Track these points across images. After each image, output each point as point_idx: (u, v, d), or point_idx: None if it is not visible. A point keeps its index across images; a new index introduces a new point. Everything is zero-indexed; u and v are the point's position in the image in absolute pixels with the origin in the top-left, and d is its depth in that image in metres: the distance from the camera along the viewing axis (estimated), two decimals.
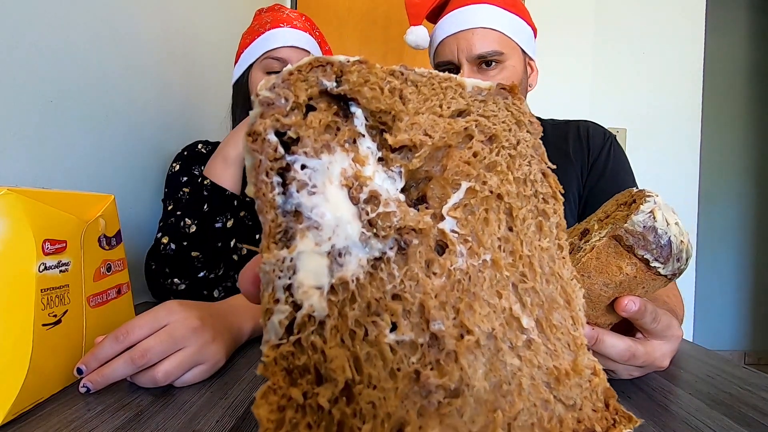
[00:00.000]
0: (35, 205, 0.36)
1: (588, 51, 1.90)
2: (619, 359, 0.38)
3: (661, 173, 1.90)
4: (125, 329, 0.38)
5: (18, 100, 0.57)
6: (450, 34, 0.75)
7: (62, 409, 0.35)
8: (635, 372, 0.43)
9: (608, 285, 0.34)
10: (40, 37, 0.61)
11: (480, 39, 0.72)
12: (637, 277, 0.34)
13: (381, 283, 0.18)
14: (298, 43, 0.78)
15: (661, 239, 0.32)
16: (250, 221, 0.83)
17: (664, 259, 0.33)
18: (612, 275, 0.34)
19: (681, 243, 0.33)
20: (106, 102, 0.75)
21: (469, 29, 0.73)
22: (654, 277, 0.34)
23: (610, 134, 0.84)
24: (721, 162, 2.55)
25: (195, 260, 0.68)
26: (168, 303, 0.42)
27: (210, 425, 0.33)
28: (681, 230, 0.33)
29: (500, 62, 0.73)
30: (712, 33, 2.01)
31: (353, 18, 1.90)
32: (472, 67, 0.74)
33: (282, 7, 0.84)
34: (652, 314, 0.37)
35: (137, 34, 0.83)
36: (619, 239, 0.33)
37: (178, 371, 0.39)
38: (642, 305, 0.35)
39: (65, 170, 0.66)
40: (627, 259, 0.33)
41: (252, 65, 0.79)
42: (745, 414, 0.38)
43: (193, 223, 0.67)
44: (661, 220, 0.32)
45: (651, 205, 0.33)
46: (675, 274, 0.35)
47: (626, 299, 0.35)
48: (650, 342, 0.40)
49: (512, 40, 0.74)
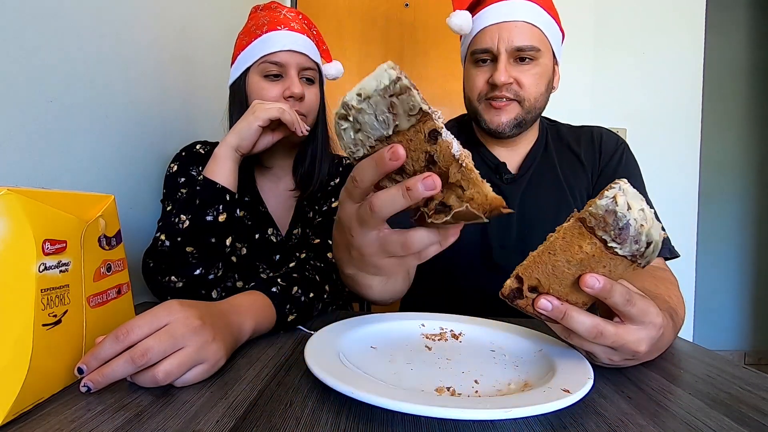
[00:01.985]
0: (35, 205, 0.36)
1: (588, 51, 1.90)
2: (587, 336, 0.40)
3: (661, 173, 1.90)
4: (125, 329, 0.38)
5: (18, 100, 0.57)
6: (493, 23, 0.76)
7: (62, 409, 0.36)
8: (614, 356, 0.43)
9: (570, 262, 0.38)
10: (40, 37, 0.61)
11: (521, 32, 0.74)
12: (595, 256, 0.37)
13: None
14: (295, 47, 0.78)
15: (620, 222, 0.35)
16: (249, 221, 0.83)
17: (621, 240, 0.36)
18: (573, 253, 0.37)
19: (640, 227, 0.35)
20: (106, 102, 0.75)
21: (513, 21, 0.74)
22: (612, 256, 0.37)
23: (623, 141, 0.86)
24: (721, 161, 2.55)
25: (189, 255, 0.68)
26: (168, 302, 0.42)
27: (210, 425, 0.33)
28: (645, 216, 0.36)
29: (535, 59, 0.76)
30: (712, 33, 2.01)
31: (353, 18, 1.90)
32: (509, 58, 0.75)
33: (278, 6, 0.83)
34: (623, 296, 0.39)
35: (137, 35, 0.83)
36: (583, 221, 0.37)
37: (178, 371, 0.39)
38: (607, 284, 0.38)
39: (65, 170, 0.66)
40: (588, 239, 0.37)
41: (249, 68, 0.79)
42: (745, 414, 0.38)
43: (186, 218, 0.67)
44: (623, 205, 0.35)
45: (615, 191, 0.35)
46: (635, 256, 0.37)
47: (589, 276, 0.38)
48: (624, 325, 0.41)
49: (547, 40, 0.77)
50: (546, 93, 0.80)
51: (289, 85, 0.77)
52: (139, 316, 0.40)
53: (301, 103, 0.79)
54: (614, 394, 0.41)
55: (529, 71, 0.76)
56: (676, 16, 1.92)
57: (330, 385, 0.36)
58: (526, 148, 0.87)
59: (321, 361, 0.40)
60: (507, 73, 0.74)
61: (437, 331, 0.56)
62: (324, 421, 0.35)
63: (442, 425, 0.35)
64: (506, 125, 0.78)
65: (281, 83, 0.78)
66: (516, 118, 0.78)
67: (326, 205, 0.86)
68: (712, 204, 2.52)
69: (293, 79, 0.78)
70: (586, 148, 0.85)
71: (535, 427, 0.34)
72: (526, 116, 0.78)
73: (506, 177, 0.85)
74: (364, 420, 0.35)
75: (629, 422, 0.36)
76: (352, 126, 0.34)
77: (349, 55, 1.89)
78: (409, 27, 1.91)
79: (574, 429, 0.34)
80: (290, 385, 0.42)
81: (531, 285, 0.41)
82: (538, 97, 0.78)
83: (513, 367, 0.46)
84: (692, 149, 1.94)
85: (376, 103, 0.32)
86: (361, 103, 0.33)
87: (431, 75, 1.91)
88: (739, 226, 2.60)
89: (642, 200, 0.36)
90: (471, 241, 0.85)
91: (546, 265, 0.39)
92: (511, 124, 0.78)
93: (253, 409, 0.36)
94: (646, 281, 0.63)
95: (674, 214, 1.91)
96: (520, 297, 0.41)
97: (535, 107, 0.79)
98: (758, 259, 2.59)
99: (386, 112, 0.32)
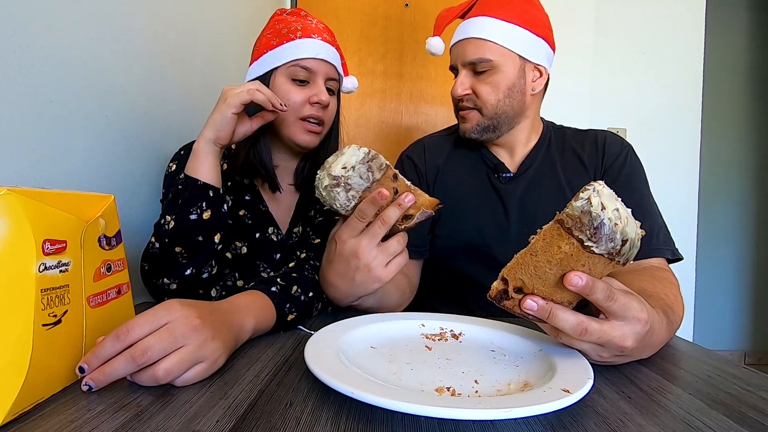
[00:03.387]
0: (35, 205, 0.36)
1: (588, 51, 1.90)
2: (572, 333, 0.42)
3: (661, 173, 1.90)
4: (126, 328, 0.38)
5: (18, 100, 0.57)
6: (454, 42, 0.86)
7: (62, 409, 0.36)
8: (604, 353, 0.44)
9: (551, 262, 0.40)
10: (40, 37, 0.61)
11: (472, 48, 0.81)
12: (573, 256, 0.39)
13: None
14: (327, 57, 0.79)
15: (594, 221, 0.37)
16: (250, 220, 0.83)
17: (596, 239, 0.37)
18: (553, 254, 0.40)
19: (615, 226, 0.37)
20: (106, 102, 0.75)
21: (465, 39, 0.82)
22: (589, 255, 0.39)
23: (628, 144, 0.88)
24: (721, 162, 2.55)
25: (179, 256, 0.68)
26: (168, 302, 0.42)
27: (210, 425, 0.33)
28: (620, 215, 0.37)
29: (491, 68, 0.81)
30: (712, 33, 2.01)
31: (353, 18, 1.90)
32: (467, 71, 0.83)
33: (308, 14, 0.84)
34: (604, 292, 0.40)
35: (137, 35, 0.83)
36: (561, 222, 0.39)
37: (178, 369, 0.39)
38: (589, 281, 0.39)
39: (65, 170, 0.66)
40: (566, 239, 0.39)
41: (276, 69, 0.79)
42: (745, 414, 0.38)
43: (171, 219, 0.67)
44: (597, 206, 0.37)
45: (589, 192, 0.37)
46: (611, 253, 0.38)
47: (572, 274, 0.39)
48: (608, 321, 0.42)
49: (506, 49, 0.80)
50: (509, 97, 0.82)
51: (316, 92, 0.78)
52: (139, 315, 0.40)
53: (325, 110, 0.80)
54: (614, 394, 0.41)
55: (485, 80, 0.81)
56: (676, 16, 1.92)
57: (330, 385, 0.36)
58: (526, 148, 0.89)
59: (321, 361, 0.40)
60: (462, 86, 0.83)
61: (437, 331, 0.56)
62: (324, 421, 0.35)
63: (442, 425, 0.35)
64: (471, 131, 0.85)
65: (308, 89, 0.79)
66: (479, 124, 0.84)
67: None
68: (712, 204, 2.52)
69: (320, 87, 0.79)
70: (590, 150, 0.87)
71: (535, 427, 0.34)
72: (490, 122, 0.84)
73: (504, 176, 0.88)
74: (364, 420, 0.35)
75: (629, 422, 0.36)
76: (344, 189, 0.53)
77: (349, 55, 1.88)
78: (409, 27, 1.91)
79: (574, 429, 0.34)
80: (290, 385, 0.42)
81: (516, 286, 0.43)
82: (496, 103, 0.82)
83: (513, 367, 0.46)
84: (692, 149, 1.94)
85: (359, 168, 0.52)
86: (348, 172, 0.52)
87: (431, 75, 1.91)
88: (739, 227, 2.60)
89: (617, 200, 0.38)
90: (470, 241, 0.86)
91: (528, 266, 0.41)
92: (475, 130, 0.85)
93: (253, 409, 0.36)
94: (644, 281, 0.63)
95: (674, 214, 1.90)
96: (507, 298, 0.43)
97: (497, 113, 0.83)
98: (758, 260, 2.59)
99: (366, 172, 0.52)
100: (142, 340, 0.38)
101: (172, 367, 0.38)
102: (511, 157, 0.89)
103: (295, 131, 0.79)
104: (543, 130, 0.91)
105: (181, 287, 0.69)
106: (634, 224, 0.39)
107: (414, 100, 1.92)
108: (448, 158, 0.93)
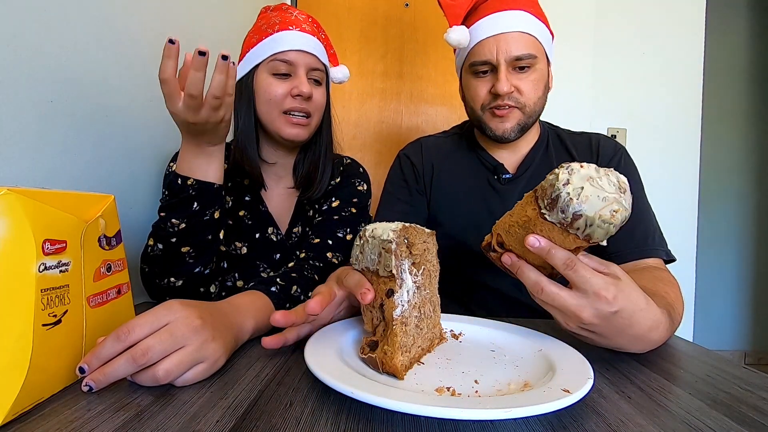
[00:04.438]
0: (35, 205, 0.36)
1: (588, 51, 1.89)
2: (531, 289, 0.46)
3: (661, 173, 1.90)
4: (126, 329, 0.38)
5: (18, 100, 0.57)
6: (490, 35, 0.78)
7: (62, 409, 0.36)
8: (570, 323, 0.46)
9: (518, 223, 0.45)
10: (40, 37, 0.61)
11: (518, 42, 0.77)
12: (532, 219, 0.44)
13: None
14: (305, 47, 0.78)
15: (554, 193, 0.41)
16: (250, 220, 0.83)
17: (550, 208, 0.41)
18: (520, 216, 0.45)
19: (570, 200, 0.40)
20: (106, 102, 0.75)
21: (509, 32, 0.77)
22: (543, 221, 0.43)
23: (622, 147, 0.88)
24: (721, 162, 2.54)
25: (186, 255, 0.68)
26: (169, 302, 0.42)
27: (210, 425, 0.33)
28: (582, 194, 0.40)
29: (532, 65, 0.79)
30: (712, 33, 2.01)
31: (353, 18, 1.90)
32: (508, 67, 0.78)
33: (289, 8, 0.83)
34: (563, 260, 0.43)
35: (137, 34, 0.83)
36: (536, 191, 0.44)
37: (178, 369, 0.39)
38: (546, 244, 0.43)
39: (65, 170, 0.66)
40: (532, 205, 0.44)
41: (258, 65, 0.79)
42: (745, 414, 0.38)
43: (181, 222, 0.66)
44: (562, 179, 0.41)
45: (563, 168, 0.42)
46: (563, 224, 0.41)
47: (531, 235, 0.44)
48: (568, 290, 0.45)
49: (541, 45, 0.80)
50: (543, 96, 0.83)
51: (297, 84, 0.77)
52: (139, 315, 0.40)
53: (308, 102, 0.79)
54: (614, 394, 0.41)
55: (528, 78, 0.79)
56: (676, 16, 1.91)
57: (330, 385, 0.36)
58: (525, 149, 0.89)
59: (321, 361, 0.40)
60: (508, 82, 0.78)
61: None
62: (324, 421, 0.35)
63: (442, 425, 0.35)
64: (511, 131, 0.82)
65: (289, 82, 0.78)
66: (519, 123, 0.82)
67: (326, 204, 0.86)
68: (712, 204, 2.52)
69: (302, 79, 0.78)
70: (583, 151, 0.87)
71: (535, 427, 0.34)
72: (528, 120, 0.82)
73: (504, 177, 0.88)
74: (364, 420, 0.35)
75: (629, 422, 0.36)
76: (360, 247, 0.47)
77: (349, 55, 1.88)
78: (409, 27, 1.91)
79: (574, 429, 0.34)
80: (290, 385, 0.42)
81: (499, 241, 0.49)
82: (536, 101, 0.81)
83: (513, 367, 0.46)
84: (692, 149, 1.94)
85: (374, 246, 0.45)
86: (370, 237, 0.45)
87: (431, 75, 1.91)
88: (739, 227, 2.60)
89: (591, 184, 0.41)
90: (469, 242, 0.86)
91: (506, 225, 0.47)
92: (515, 130, 0.82)
93: (253, 409, 0.36)
94: (644, 279, 0.63)
95: (674, 214, 1.91)
96: (493, 250, 0.50)
97: (534, 111, 0.82)
98: (758, 260, 2.59)
99: (376, 255, 0.45)
100: (143, 341, 0.38)
101: (172, 367, 0.38)
102: (511, 157, 0.90)
103: (280, 125, 0.79)
104: (540, 129, 0.91)
105: (185, 285, 0.69)
106: (604, 207, 0.40)
107: (414, 100, 1.92)
108: (446, 159, 0.93)
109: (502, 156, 0.90)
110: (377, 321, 0.46)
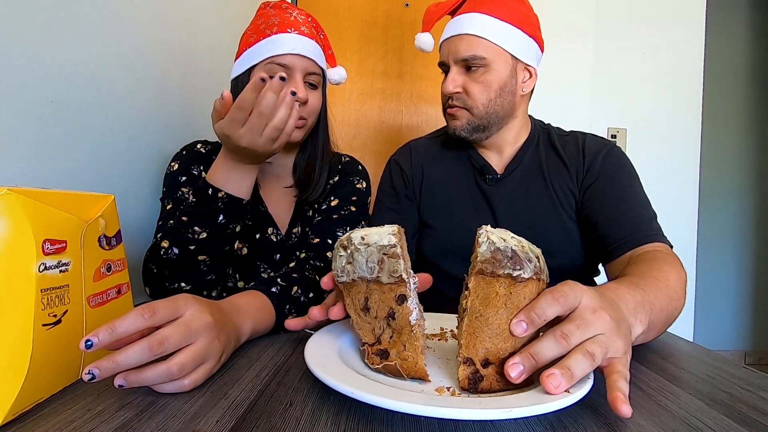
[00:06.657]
0: (35, 205, 0.36)
1: (588, 51, 1.89)
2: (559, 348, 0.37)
3: (661, 173, 1.90)
4: (150, 309, 0.37)
5: (18, 100, 0.57)
6: (445, 38, 0.84)
7: (62, 409, 0.36)
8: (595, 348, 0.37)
9: (498, 312, 0.38)
10: (40, 37, 0.61)
11: (467, 44, 0.79)
12: (512, 293, 0.38)
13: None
14: (303, 51, 0.78)
15: (507, 252, 0.38)
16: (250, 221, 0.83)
17: (520, 266, 0.38)
18: (495, 302, 0.38)
19: (522, 248, 0.38)
20: (106, 102, 0.75)
21: (458, 35, 0.81)
22: (524, 284, 0.38)
23: (610, 142, 0.87)
24: (721, 162, 2.54)
25: (201, 263, 0.68)
26: (184, 295, 0.42)
27: (210, 425, 0.33)
28: (517, 241, 0.39)
29: (483, 66, 0.79)
30: (712, 33, 2.01)
31: (353, 18, 1.90)
32: (458, 68, 0.81)
33: (289, 6, 0.83)
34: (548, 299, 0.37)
35: (137, 34, 0.83)
36: (482, 272, 0.38)
37: (191, 364, 0.39)
38: (529, 316, 0.37)
39: (65, 170, 0.66)
40: (496, 283, 0.38)
41: (254, 66, 0.79)
42: (745, 414, 0.38)
43: (204, 231, 0.66)
44: (498, 240, 0.38)
45: (483, 233, 0.39)
46: (537, 272, 0.38)
47: (513, 324, 0.38)
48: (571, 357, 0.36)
49: (500, 47, 0.80)
50: (500, 97, 0.82)
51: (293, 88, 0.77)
52: (158, 301, 0.39)
53: (303, 107, 0.79)
54: None
55: (477, 79, 0.80)
56: (676, 16, 1.91)
57: (330, 385, 0.36)
58: (514, 149, 0.89)
59: (321, 361, 0.40)
60: (453, 83, 0.81)
61: (437, 331, 0.56)
62: (324, 421, 0.35)
63: (442, 425, 0.35)
64: (461, 129, 0.84)
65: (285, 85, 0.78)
66: (469, 123, 0.83)
67: (325, 203, 0.86)
68: (712, 204, 2.52)
69: (298, 83, 0.78)
70: (571, 150, 0.87)
71: (535, 427, 0.34)
72: (480, 122, 0.83)
73: (489, 178, 0.87)
74: (364, 420, 0.35)
75: (629, 422, 0.36)
76: (346, 257, 0.42)
77: (349, 54, 1.88)
78: (409, 27, 1.91)
79: (574, 429, 0.34)
80: (290, 385, 0.42)
81: (482, 359, 0.39)
82: (487, 102, 0.81)
83: None
84: (692, 149, 1.94)
85: (371, 253, 0.40)
86: (361, 246, 0.41)
87: (431, 75, 1.91)
88: (739, 227, 2.60)
89: (507, 232, 0.40)
90: (459, 243, 0.85)
91: (483, 330, 0.39)
92: (465, 129, 0.83)
93: (253, 409, 0.36)
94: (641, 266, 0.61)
95: (674, 214, 1.91)
96: (481, 379, 0.39)
97: (487, 113, 0.82)
98: (758, 259, 2.59)
99: (375, 263, 0.40)
100: (161, 330, 0.38)
101: (187, 361, 0.38)
102: (498, 157, 0.89)
103: None
104: (531, 129, 0.90)
105: (193, 289, 0.69)
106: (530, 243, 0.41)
107: (414, 100, 1.92)
108: (435, 160, 0.93)
109: (490, 156, 0.89)
110: (380, 330, 0.42)
